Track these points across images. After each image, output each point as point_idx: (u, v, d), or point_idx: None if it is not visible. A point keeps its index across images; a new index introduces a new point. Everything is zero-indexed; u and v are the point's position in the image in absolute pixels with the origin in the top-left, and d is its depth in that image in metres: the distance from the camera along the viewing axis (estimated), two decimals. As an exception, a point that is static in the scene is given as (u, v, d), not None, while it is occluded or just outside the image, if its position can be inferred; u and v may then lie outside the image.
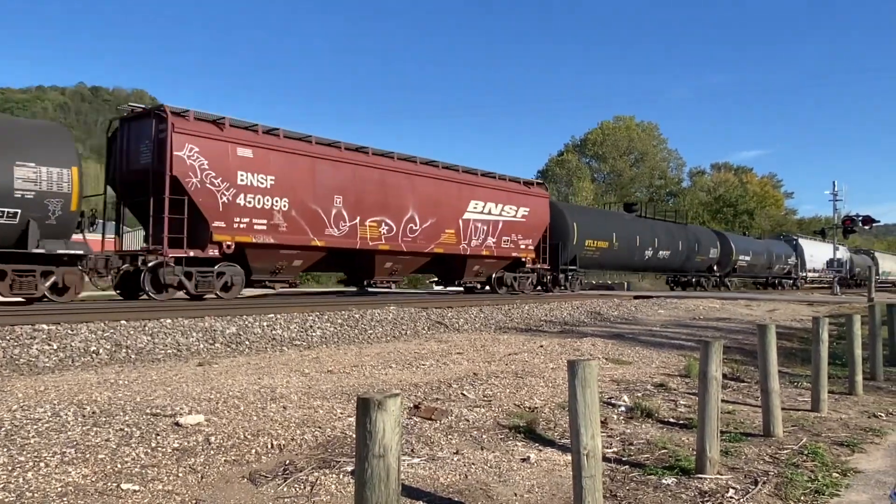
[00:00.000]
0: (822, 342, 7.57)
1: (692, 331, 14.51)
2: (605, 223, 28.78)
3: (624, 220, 30.93)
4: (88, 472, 4.14)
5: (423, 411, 6.09)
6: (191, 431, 4.95)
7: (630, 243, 29.70)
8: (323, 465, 4.62)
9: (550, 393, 7.34)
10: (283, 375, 7.41)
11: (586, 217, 28.09)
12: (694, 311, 19.44)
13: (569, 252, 25.68)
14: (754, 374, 9.17)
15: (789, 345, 13.09)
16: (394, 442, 2.57)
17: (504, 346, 10.78)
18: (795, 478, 4.83)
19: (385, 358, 9.00)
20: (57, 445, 4.45)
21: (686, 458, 5.21)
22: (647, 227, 32.08)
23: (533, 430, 5.91)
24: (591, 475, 3.66)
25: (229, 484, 4.25)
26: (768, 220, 70.73)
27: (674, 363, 10.19)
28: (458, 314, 14.60)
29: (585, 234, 26.57)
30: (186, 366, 7.99)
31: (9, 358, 7.67)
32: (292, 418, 5.52)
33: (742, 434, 6.15)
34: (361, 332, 11.73)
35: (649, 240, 31.35)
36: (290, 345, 10.27)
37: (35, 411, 5.20)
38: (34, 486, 3.87)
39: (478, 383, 7.42)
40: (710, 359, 4.99)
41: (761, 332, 6.39)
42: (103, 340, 8.72)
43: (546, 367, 8.76)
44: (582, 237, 26.33)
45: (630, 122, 74.42)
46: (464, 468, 4.82)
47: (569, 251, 25.66)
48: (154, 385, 6.53)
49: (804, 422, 6.77)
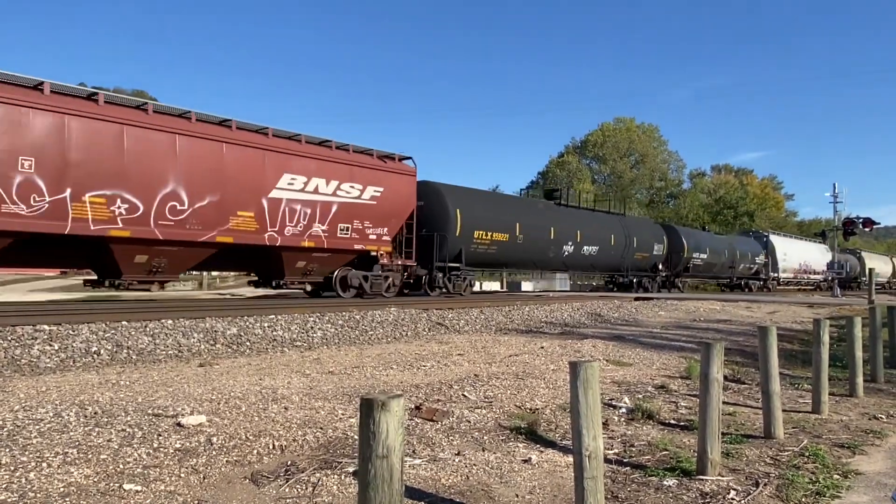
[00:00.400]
0: (823, 344, 7.58)
1: (692, 332, 14.51)
2: (504, 211, 23.27)
3: (533, 209, 25.40)
4: (91, 472, 4.15)
5: (425, 412, 6.09)
6: (193, 432, 4.96)
7: (541, 236, 24.48)
8: (325, 465, 4.63)
9: (551, 394, 7.34)
10: (285, 376, 7.42)
11: (475, 203, 22.08)
12: (694, 313, 19.44)
13: (450, 246, 20.49)
14: (755, 376, 9.17)
15: (790, 347, 13.10)
16: (397, 442, 2.58)
17: (505, 347, 10.78)
18: (796, 479, 4.84)
19: (386, 359, 9.01)
20: (59, 446, 4.46)
21: (687, 459, 5.22)
22: (568, 218, 26.74)
23: (534, 432, 5.92)
24: (593, 476, 3.67)
25: (231, 484, 4.26)
26: (769, 221, 70.69)
27: (674, 365, 10.19)
28: (459, 315, 14.61)
29: (474, 224, 21.25)
30: (188, 366, 8.00)
31: (10, 358, 7.68)
32: (294, 419, 5.53)
33: (743, 436, 6.15)
34: (362, 334, 11.73)
35: (570, 232, 26.12)
36: (291, 346, 10.28)
37: (37, 412, 5.21)
38: (36, 487, 3.88)
39: (479, 384, 7.43)
40: (712, 360, 5.00)
41: (762, 333, 6.40)
42: (104, 341, 8.73)
43: (547, 369, 8.76)
44: (468, 228, 21.01)
45: (630, 124, 74.46)
46: (465, 469, 4.83)
47: (450, 245, 20.43)
48: (156, 386, 6.54)
49: (805, 423, 6.78)
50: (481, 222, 21.71)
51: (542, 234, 24.64)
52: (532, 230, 23.90)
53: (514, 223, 23.11)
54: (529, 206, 25.73)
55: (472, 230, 21.28)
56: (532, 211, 25.11)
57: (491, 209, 22.85)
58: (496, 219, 22.53)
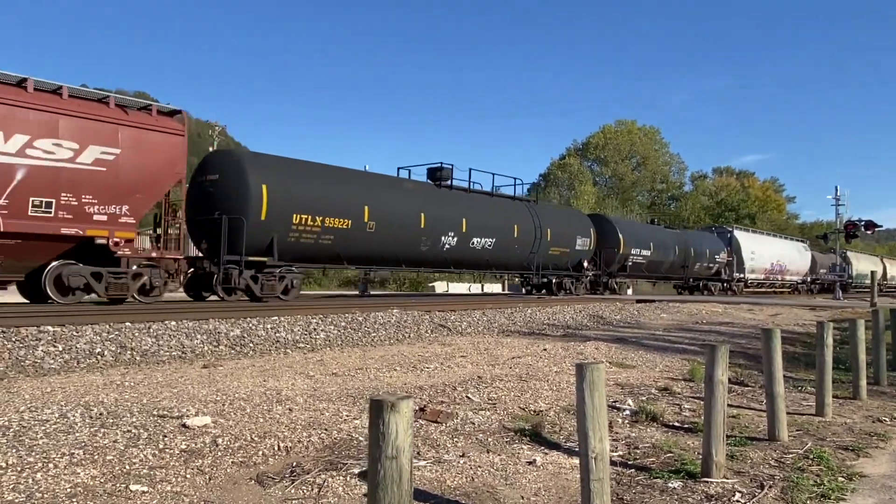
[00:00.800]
0: (827, 347, 7.58)
1: (695, 335, 14.51)
2: (344, 191, 17.59)
3: (395, 189, 19.65)
4: (97, 473, 4.16)
5: (429, 414, 6.10)
6: (198, 433, 4.97)
7: (406, 224, 19.10)
8: (330, 466, 4.63)
9: (555, 396, 7.35)
10: (288, 378, 7.42)
11: (294, 177, 16.56)
12: (696, 316, 19.45)
13: (252, 234, 15.16)
14: (758, 379, 9.17)
15: (792, 349, 13.10)
16: (406, 443, 2.59)
17: (507, 349, 10.79)
18: (801, 482, 4.84)
19: (389, 361, 9.02)
20: (65, 446, 4.46)
21: (692, 461, 5.22)
22: (451, 203, 21.13)
23: (538, 434, 5.92)
24: (600, 478, 3.67)
25: (237, 485, 4.26)
26: (770, 224, 70.67)
27: (677, 367, 10.19)
28: (461, 317, 14.63)
29: (291, 206, 16.03)
30: (191, 368, 8.01)
31: (14, 359, 7.69)
32: (298, 420, 5.53)
33: (747, 438, 6.15)
34: (365, 335, 11.74)
35: (451, 220, 20.69)
36: (294, 347, 10.28)
37: (42, 412, 5.22)
38: (44, 487, 3.89)
39: (482, 386, 7.44)
40: (717, 363, 5.00)
41: (766, 336, 6.41)
42: (108, 342, 8.74)
43: (550, 371, 8.77)
44: (282, 210, 15.80)
45: (632, 126, 74.47)
46: (470, 471, 4.83)
47: (251, 232, 15.12)
48: (160, 387, 6.55)
49: (809, 426, 6.78)
50: (304, 203, 16.27)
51: (408, 222, 19.14)
52: (391, 216, 18.49)
53: (360, 206, 17.65)
54: (388, 186, 19.47)
55: (289, 213, 15.97)
56: (391, 192, 19.23)
57: (320, 187, 16.97)
58: (330, 199, 16.96)
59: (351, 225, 17.41)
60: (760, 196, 76.72)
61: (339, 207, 17.20)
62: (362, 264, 19.43)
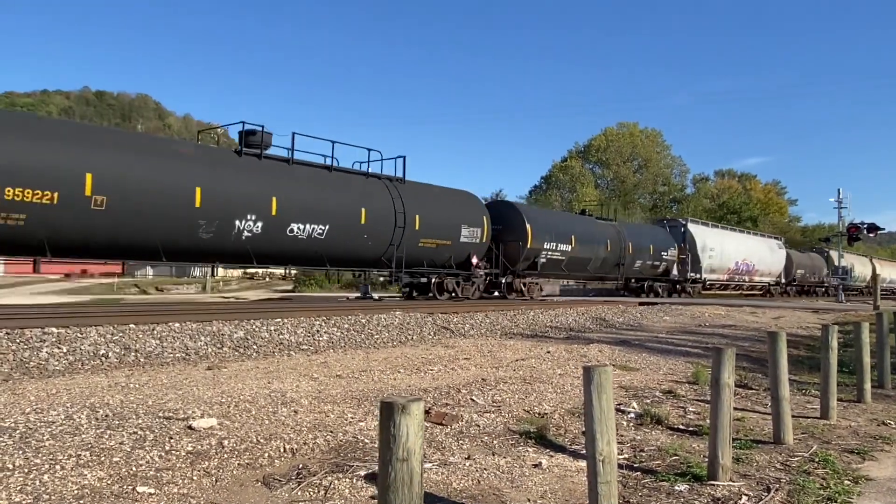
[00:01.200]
0: (832, 350, 7.57)
1: (698, 338, 14.50)
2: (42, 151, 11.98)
3: (149, 156, 13.83)
4: (104, 474, 4.16)
5: (434, 416, 6.09)
6: (204, 435, 4.96)
7: (172, 202, 13.73)
8: (336, 469, 4.63)
9: (559, 399, 7.34)
10: (293, 380, 7.42)
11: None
12: (699, 318, 19.43)
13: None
14: (762, 382, 9.16)
15: (796, 352, 13.08)
16: (417, 446, 2.59)
17: (511, 351, 10.78)
18: (807, 485, 4.83)
19: (393, 363, 9.01)
20: (72, 448, 4.47)
21: (698, 464, 5.21)
22: (256, 178, 15.56)
23: (543, 436, 5.91)
24: (607, 481, 3.67)
25: (244, 487, 4.26)
26: (772, 226, 70.61)
27: (681, 370, 10.18)
28: (464, 319, 14.64)
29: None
30: (196, 369, 8.01)
31: (19, 361, 7.69)
32: (304, 422, 5.53)
33: (752, 441, 6.14)
34: (368, 337, 11.74)
35: (252, 200, 15.23)
36: (298, 349, 10.29)
37: (48, 414, 5.22)
38: (51, 489, 3.89)
39: (487, 389, 7.43)
40: (723, 366, 5.00)
41: (772, 339, 6.40)
42: (112, 344, 8.75)
43: (554, 373, 8.76)
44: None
45: (634, 129, 74.49)
46: (476, 473, 4.82)
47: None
48: (165, 388, 6.55)
49: (814, 429, 6.77)
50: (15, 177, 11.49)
51: (173, 200, 13.79)
52: (138, 190, 13.20)
53: (79, 173, 12.35)
54: (140, 149, 14.06)
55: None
56: (144, 156, 13.74)
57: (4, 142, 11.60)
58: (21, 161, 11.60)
59: (58, 200, 12.05)
60: (762, 199, 76.68)
61: (38, 177, 11.80)
62: (81, 256, 13.89)
